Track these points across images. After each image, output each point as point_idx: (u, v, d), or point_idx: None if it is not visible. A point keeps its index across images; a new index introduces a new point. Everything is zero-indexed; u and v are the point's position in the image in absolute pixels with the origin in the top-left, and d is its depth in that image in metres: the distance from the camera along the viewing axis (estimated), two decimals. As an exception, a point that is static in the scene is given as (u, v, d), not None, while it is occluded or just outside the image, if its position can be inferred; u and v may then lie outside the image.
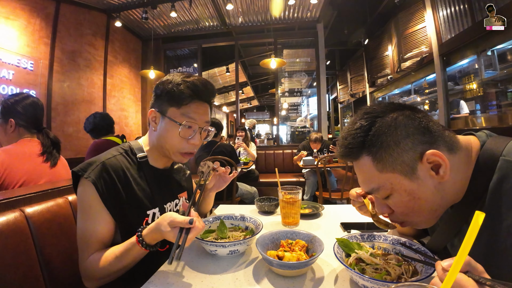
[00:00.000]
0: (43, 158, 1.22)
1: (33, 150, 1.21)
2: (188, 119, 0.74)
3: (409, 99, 5.13)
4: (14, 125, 1.22)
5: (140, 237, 0.63)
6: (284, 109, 5.72)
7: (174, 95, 0.73)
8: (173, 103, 0.74)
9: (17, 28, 2.82)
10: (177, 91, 0.73)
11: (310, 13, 4.57)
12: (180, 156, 0.78)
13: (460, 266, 0.32)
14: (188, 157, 0.79)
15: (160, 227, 0.60)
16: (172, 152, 0.77)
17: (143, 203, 0.74)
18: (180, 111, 0.74)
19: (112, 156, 0.73)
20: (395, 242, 0.67)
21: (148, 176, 0.77)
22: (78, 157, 3.41)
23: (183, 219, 0.58)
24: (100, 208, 0.67)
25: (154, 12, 4.22)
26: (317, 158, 2.99)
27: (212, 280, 0.61)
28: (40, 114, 1.30)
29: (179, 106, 0.74)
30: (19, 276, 0.65)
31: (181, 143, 0.75)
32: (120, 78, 4.56)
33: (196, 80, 0.75)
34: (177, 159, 0.79)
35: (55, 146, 1.30)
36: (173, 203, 0.84)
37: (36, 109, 1.28)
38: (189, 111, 0.74)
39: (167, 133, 0.75)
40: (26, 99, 1.26)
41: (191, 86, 0.73)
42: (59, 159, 1.31)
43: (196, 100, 0.75)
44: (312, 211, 1.09)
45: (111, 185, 0.69)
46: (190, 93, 0.73)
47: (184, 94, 0.73)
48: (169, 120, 0.74)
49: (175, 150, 0.76)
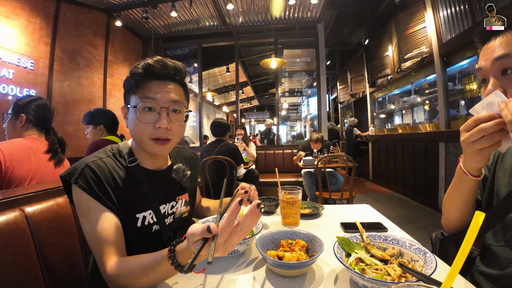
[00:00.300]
0: (47, 157, 1.25)
1: (39, 147, 1.25)
2: (145, 99, 0.68)
3: (409, 99, 5.13)
4: (24, 121, 1.28)
5: (172, 253, 0.53)
6: (284, 109, 5.72)
7: (131, 81, 0.69)
8: (131, 90, 0.70)
9: (17, 27, 2.82)
10: (132, 76, 0.69)
11: (311, 13, 4.57)
12: (152, 144, 0.70)
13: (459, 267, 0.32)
14: (162, 144, 0.71)
15: (189, 245, 0.51)
16: (142, 142, 0.70)
17: (132, 206, 0.70)
18: (138, 95, 0.69)
19: (98, 158, 0.69)
20: (395, 243, 0.67)
21: (138, 178, 0.72)
22: (78, 156, 3.39)
23: (202, 230, 0.48)
24: (98, 207, 0.64)
25: (154, 12, 4.22)
26: (317, 158, 2.99)
27: (212, 280, 0.61)
28: (50, 116, 1.38)
29: (136, 90, 0.69)
30: (19, 276, 0.65)
31: (146, 129, 0.68)
32: (120, 78, 4.56)
33: (150, 59, 0.70)
34: (151, 149, 0.71)
35: (61, 145, 1.34)
36: (169, 205, 0.79)
37: (46, 110, 1.35)
38: (146, 91, 0.68)
39: (132, 123, 0.70)
40: (39, 99, 1.35)
41: (143, 66, 0.69)
42: (64, 160, 1.34)
43: (153, 79, 0.70)
44: (312, 211, 1.09)
45: (100, 186, 0.66)
46: (143, 72, 0.68)
47: (138, 75, 0.69)
48: (132, 109, 0.70)
49: (143, 139, 0.69)
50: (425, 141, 3.96)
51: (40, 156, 1.22)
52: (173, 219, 0.81)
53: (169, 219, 0.79)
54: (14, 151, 1.12)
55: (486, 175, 0.73)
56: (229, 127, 2.87)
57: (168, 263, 0.52)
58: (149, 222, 0.73)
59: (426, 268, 0.55)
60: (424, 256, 0.58)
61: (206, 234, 0.47)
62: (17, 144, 1.17)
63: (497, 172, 0.69)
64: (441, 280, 0.50)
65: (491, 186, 0.71)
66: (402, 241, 0.66)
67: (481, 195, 0.75)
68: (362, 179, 6.40)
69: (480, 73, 0.60)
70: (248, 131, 16.30)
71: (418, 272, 0.53)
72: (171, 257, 0.52)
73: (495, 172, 0.70)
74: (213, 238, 0.48)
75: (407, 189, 4.49)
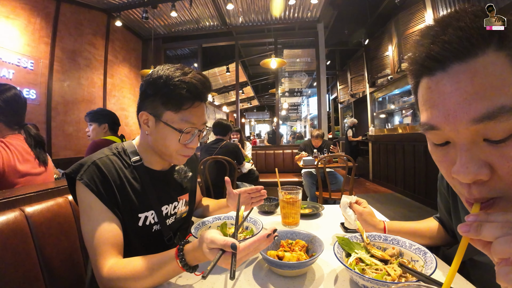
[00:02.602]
0: (33, 156, 1.15)
1: (24, 147, 1.14)
2: (189, 125, 0.68)
3: (409, 99, 5.12)
4: None
5: (181, 252, 0.55)
6: (284, 109, 5.73)
7: (171, 98, 0.65)
8: (169, 107, 0.66)
9: (17, 27, 2.82)
10: (174, 94, 0.65)
11: (311, 13, 4.57)
12: (180, 158, 0.73)
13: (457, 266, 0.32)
14: (186, 158, 0.75)
15: (201, 246, 0.53)
16: (170, 156, 0.72)
17: (135, 205, 0.70)
18: (178, 116, 0.67)
19: (104, 155, 0.69)
20: (395, 243, 0.67)
21: (143, 178, 0.72)
22: (78, 156, 3.41)
23: (225, 242, 0.50)
24: (101, 207, 0.64)
25: (154, 12, 4.22)
26: (317, 158, 2.99)
27: (212, 280, 0.61)
28: (23, 109, 1.18)
29: (177, 110, 0.66)
30: (19, 276, 0.65)
31: (180, 148, 0.70)
32: (120, 78, 4.56)
33: (194, 80, 0.67)
34: (177, 161, 0.74)
35: (38, 145, 1.19)
36: (172, 206, 0.80)
37: (18, 102, 1.14)
38: (189, 116, 0.67)
39: (165, 139, 0.69)
40: (8, 91, 1.12)
41: (191, 88, 0.65)
42: (48, 158, 1.23)
43: (196, 102, 0.69)
44: (312, 211, 1.09)
45: (106, 184, 0.65)
46: (190, 96, 0.66)
47: (183, 97, 0.65)
48: (165, 125, 0.67)
49: (173, 154, 0.72)
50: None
51: (29, 156, 1.12)
52: (174, 220, 0.81)
53: (170, 219, 0.80)
54: (6, 155, 1.04)
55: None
56: (231, 128, 2.93)
57: (176, 262, 0.55)
58: (150, 222, 0.73)
59: (426, 268, 0.55)
60: (424, 256, 0.58)
61: (228, 248, 0.49)
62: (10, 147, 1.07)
63: (459, 198, 0.67)
64: (441, 280, 0.50)
65: (456, 214, 0.68)
66: (402, 241, 0.66)
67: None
68: (362, 179, 6.40)
69: (438, 134, 0.35)
70: (248, 131, 16.44)
71: (418, 272, 0.53)
72: (180, 255, 0.55)
73: (454, 198, 0.68)
74: (233, 255, 0.50)
75: (407, 189, 4.48)
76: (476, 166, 0.30)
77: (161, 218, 0.75)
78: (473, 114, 0.29)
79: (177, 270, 0.56)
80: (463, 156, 0.31)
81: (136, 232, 0.70)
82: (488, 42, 0.29)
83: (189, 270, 0.56)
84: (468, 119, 0.29)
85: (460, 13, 0.32)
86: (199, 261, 0.56)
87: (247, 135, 13.61)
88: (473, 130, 0.30)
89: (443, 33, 0.31)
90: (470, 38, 0.29)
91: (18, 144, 1.13)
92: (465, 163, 0.31)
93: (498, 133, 0.29)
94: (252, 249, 0.52)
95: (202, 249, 0.52)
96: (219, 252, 0.50)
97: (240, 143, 3.69)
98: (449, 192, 0.70)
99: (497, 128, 0.29)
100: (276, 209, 1.14)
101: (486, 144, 0.30)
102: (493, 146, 0.30)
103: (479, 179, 0.31)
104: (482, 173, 0.30)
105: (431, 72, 0.32)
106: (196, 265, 0.57)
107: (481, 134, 0.30)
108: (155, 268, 0.56)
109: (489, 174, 0.30)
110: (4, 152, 1.06)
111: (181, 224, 0.85)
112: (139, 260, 0.58)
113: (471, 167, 0.30)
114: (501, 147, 0.29)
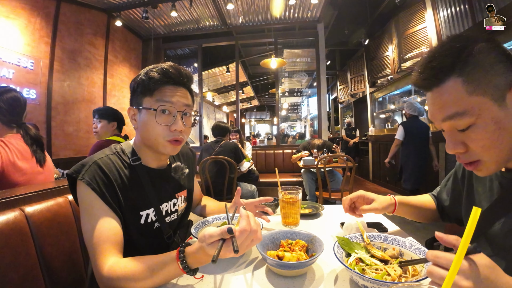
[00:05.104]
0: (32, 156, 1.17)
1: (24, 146, 1.16)
2: (163, 103, 0.71)
3: (409, 99, 5.11)
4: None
5: (182, 253, 0.56)
6: (284, 109, 5.72)
7: (145, 84, 0.71)
8: (146, 93, 0.71)
9: (17, 27, 2.82)
10: (146, 79, 0.71)
11: (311, 13, 4.56)
12: (168, 145, 0.73)
13: (459, 264, 0.32)
14: (176, 145, 0.74)
15: (202, 245, 0.54)
16: (157, 143, 0.72)
17: (136, 204, 0.71)
18: (154, 98, 0.71)
19: (105, 155, 0.71)
20: (395, 243, 0.67)
21: (142, 177, 0.74)
22: (78, 156, 3.41)
23: (221, 231, 0.52)
24: (102, 206, 0.64)
25: (154, 12, 4.21)
26: (317, 158, 2.99)
27: (212, 280, 0.61)
28: (22, 109, 1.22)
29: (152, 93, 0.71)
30: (19, 276, 0.65)
31: (163, 131, 0.71)
32: (121, 78, 4.56)
33: (164, 65, 0.73)
34: (165, 149, 0.73)
35: (35, 143, 1.21)
36: (171, 203, 0.81)
37: (18, 103, 1.20)
38: (162, 95, 0.71)
39: (147, 124, 0.71)
40: (8, 92, 1.19)
41: (159, 70, 0.71)
42: (46, 157, 1.24)
43: (169, 84, 0.72)
44: (312, 211, 1.09)
45: (107, 184, 0.66)
46: (160, 77, 0.71)
47: (154, 79, 0.70)
48: (145, 111, 0.71)
49: (159, 140, 0.72)
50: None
51: (27, 155, 1.14)
52: (175, 217, 0.83)
53: (171, 217, 0.81)
54: (7, 155, 1.05)
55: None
56: (229, 129, 3.06)
57: (177, 264, 0.55)
58: (152, 220, 0.74)
59: (426, 267, 0.55)
60: (424, 256, 0.58)
61: (226, 235, 0.52)
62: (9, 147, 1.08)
63: (476, 186, 0.69)
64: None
65: (470, 198, 0.71)
66: (402, 241, 0.66)
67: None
68: (362, 179, 6.39)
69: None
70: (248, 131, 16.44)
71: (419, 259, 0.56)
72: (180, 257, 0.55)
73: (470, 185, 0.71)
74: (233, 239, 0.53)
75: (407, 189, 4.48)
76: (454, 144, 0.53)
77: (160, 216, 0.75)
78: (441, 116, 0.52)
79: (178, 272, 0.57)
80: (447, 139, 0.54)
81: (139, 230, 0.71)
82: (451, 72, 0.49)
83: (190, 273, 0.56)
84: (440, 119, 0.53)
85: (434, 52, 0.52)
86: (200, 263, 0.57)
87: (247, 135, 13.60)
88: (447, 124, 0.53)
89: (423, 71, 0.53)
90: (438, 74, 0.51)
91: (17, 143, 1.14)
92: (448, 143, 0.54)
93: (460, 126, 0.50)
94: (250, 230, 0.54)
95: (203, 247, 0.53)
96: (220, 242, 0.52)
97: (239, 144, 3.70)
98: (465, 178, 0.74)
99: (459, 123, 0.50)
100: (276, 209, 1.14)
101: (458, 132, 0.52)
102: (462, 132, 0.51)
103: (458, 151, 0.53)
104: (458, 148, 0.52)
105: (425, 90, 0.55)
106: (196, 268, 0.58)
107: (453, 126, 0.52)
108: (155, 269, 0.56)
109: (464, 148, 0.52)
110: (3, 151, 1.07)
111: (180, 220, 0.86)
112: (139, 260, 0.58)
113: (451, 145, 0.53)
114: (466, 133, 0.51)
